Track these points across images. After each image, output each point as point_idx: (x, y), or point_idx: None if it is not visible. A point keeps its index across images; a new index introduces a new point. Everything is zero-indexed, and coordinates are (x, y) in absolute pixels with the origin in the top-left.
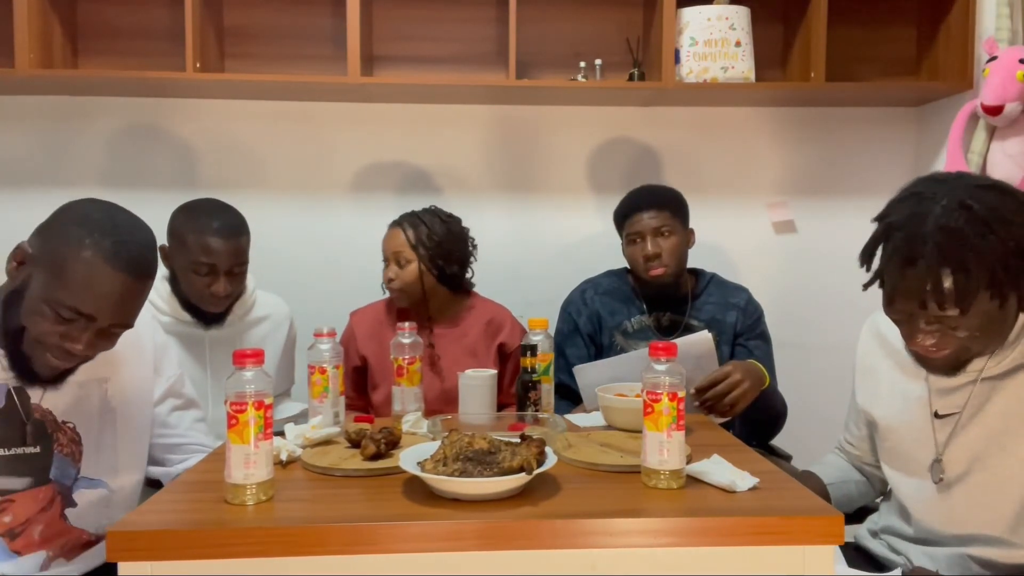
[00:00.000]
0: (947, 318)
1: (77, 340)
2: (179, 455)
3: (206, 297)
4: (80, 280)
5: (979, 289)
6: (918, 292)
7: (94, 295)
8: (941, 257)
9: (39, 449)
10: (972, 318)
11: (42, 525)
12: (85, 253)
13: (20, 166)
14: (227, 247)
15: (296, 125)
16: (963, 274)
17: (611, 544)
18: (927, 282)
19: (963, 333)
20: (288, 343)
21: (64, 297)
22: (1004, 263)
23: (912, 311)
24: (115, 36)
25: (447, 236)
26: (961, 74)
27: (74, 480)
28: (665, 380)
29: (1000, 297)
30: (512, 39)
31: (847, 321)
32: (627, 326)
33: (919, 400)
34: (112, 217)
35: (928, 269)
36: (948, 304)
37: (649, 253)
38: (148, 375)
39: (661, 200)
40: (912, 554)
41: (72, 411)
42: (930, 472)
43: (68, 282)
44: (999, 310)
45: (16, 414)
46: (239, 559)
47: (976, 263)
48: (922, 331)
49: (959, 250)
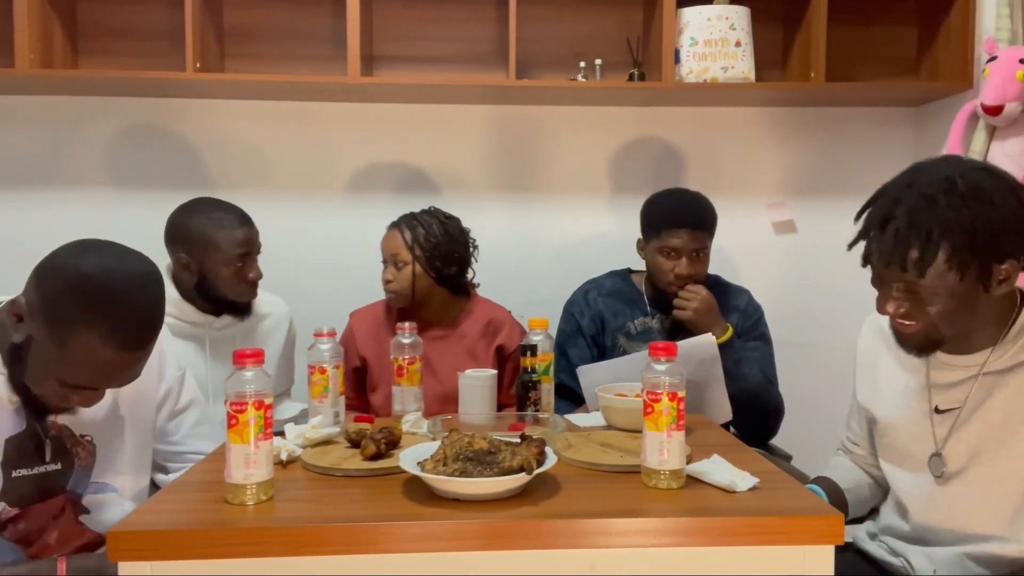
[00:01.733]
0: (912, 285)
1: (82, 403)
2: (177, 463)
3: (243, 287)
4: (80, 360)
5: (936, 257)
6: (886, 253)
7: (95, 373)
8: (909, 222)
9: (60, 465)
10: (935, 289)
11: (56, 531)
12: (82, 336)
13: (20, 166)
14: (252, 232)
15: (296, 125)
16: (926, 240)
17: (611, 544)
18: (894, 244)
19: (932, 307)
20: (288, 342)
21: (65, 376)
22: (970, 238)
23: (880, 273)
24: (115, 36)
25: (445, 238)
26: (961, 74)
27: (86, 487)
28: (665, 380)
29: (959, 270)
30: (512, 39)
31: (847, 321)
32: (630, 327)
33: (918, 395)
34: (109, 282)
35: (896, 232)
36: (909, 268)
37: (683, 274)
38: (152, 380)
39: (706, 221)
40: (911, 555)
41: (88, 424)
42: (930, 466)
43: (67, 361)
44: (960, 284)
45: (36, 434)
46: (239, 559)
47: (940, 232)
48: (892, 298)
49: (927, 217)
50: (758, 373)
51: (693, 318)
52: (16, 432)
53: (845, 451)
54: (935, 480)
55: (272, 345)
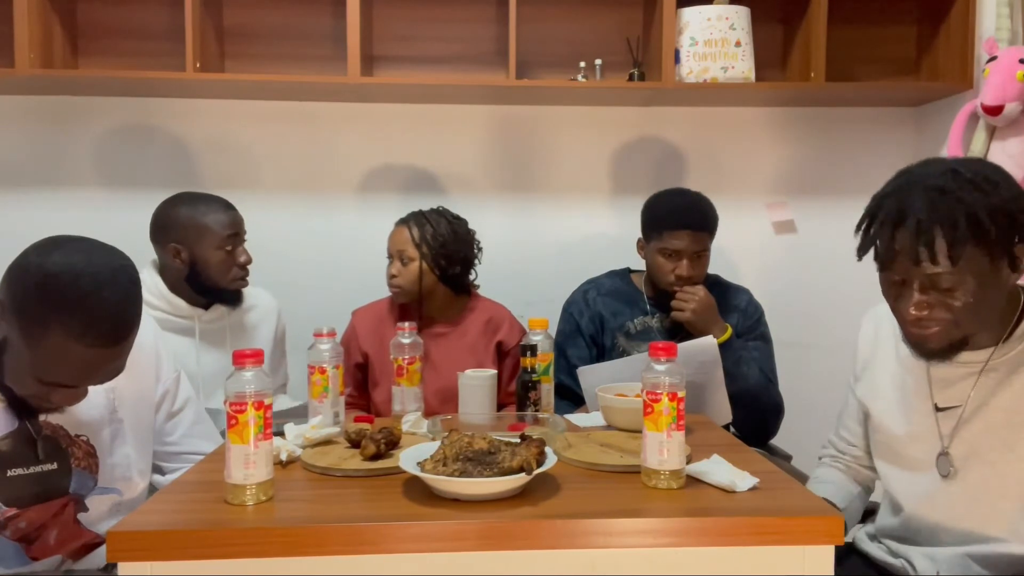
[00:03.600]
0: (940, 278)
1: (63, 402)
2: (174, 464)
3: (235, 271)
4: (53, 358)
5: (968, 241)
6: (910, 250)
7: (69, 371)
8: (930, 211)
9: (56, 465)
10: (965, 277)
11: (56, 530)
12: (53, 336)
13: (20, 166)
14: (238, 216)
15: (296, 125)
16: (951, 227)
17: (611, 544)
18: (918, 238)
19: (958, 299)
20: (278, 335)
21: (41, 373)
22: (992, 219)
23: (905, 273)
24: (115, 36)
25: (451, 237)
26: (961, 74)
27: (91, 490)
28: (665, 380)
29: (989, 252)
30: (512, 39)
31: (847, 321)
32: (629, 327)
33: (918, 393)
34: (75, 280)
35: (918, 225)
36: (940, 258)
37: (684, 275)
38: (150, 382)
39: (708, 223)
40: (913, 556)
41: (83, 424)
42: (937, 466)
43: (42, 360)
44: (989, 269)
45: (28, 433)
46: (239, 559)
47: (964, 215)
48: (916, 301)
49: (946, 204)
50: (758, 373)
51: (691, 319)
52: (8, 431)
53: (832, 457)
54: (941, 479)
55: (261, 338)
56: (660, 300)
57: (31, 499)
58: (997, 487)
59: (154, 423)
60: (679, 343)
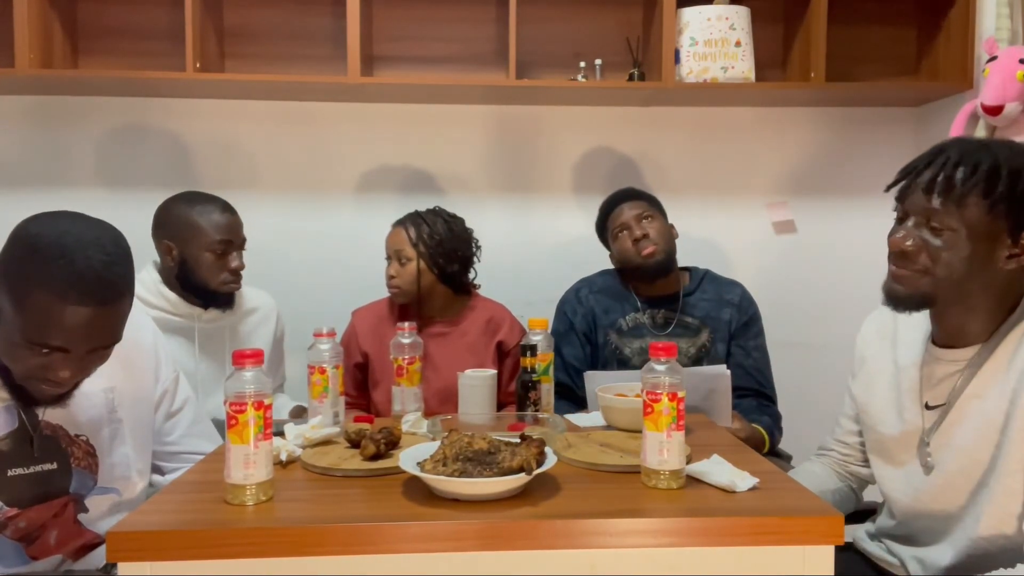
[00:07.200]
0: (935, 214)
1: (60, 370)
2: (173, 464)
3: (226, 278)
4: (40, 319)
5: (979, 186)
6: (929, 180)
7: (58, 331)
8: (960, 155)
9: (55, 465)
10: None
11: (56, 530)
12: (37, 294)
13: (20, 166)
14: (236, 222)
15: (296, 125)
16: (973, 169)
17: (611, 544)
18: (939, 170)
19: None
20: (277, 336)
21: (30, 335)
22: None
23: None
24: (115, 36)
25: (449, 236)
26: (961, 74)
27: (90, 490)
28: (665, 380)
29: (991, 215)
30: (512, 39)
31: (847, 321)
32: (621, 324)
33: (911, 392)
34: (61, 241)
35: (945, 161)
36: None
37: (637, 235)
38: (150, 382)
39: (637, 193)
40: (904, 557)
41: (83, 424)
42: (918, 457)
43: (29, 321)
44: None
45: (27, 432)
46: (239, 559)
47: (989, 165)
48: (905, 232)
49: (981, 154)
50: (769, 423)
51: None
52: (8, 431)
53: (827, 454)
54: (924, 475)
55: (261, 339)
56: (649, 296)
57: (31, 499)
58: (980, 483)
59: (153, 423)
60: (688, 367)
